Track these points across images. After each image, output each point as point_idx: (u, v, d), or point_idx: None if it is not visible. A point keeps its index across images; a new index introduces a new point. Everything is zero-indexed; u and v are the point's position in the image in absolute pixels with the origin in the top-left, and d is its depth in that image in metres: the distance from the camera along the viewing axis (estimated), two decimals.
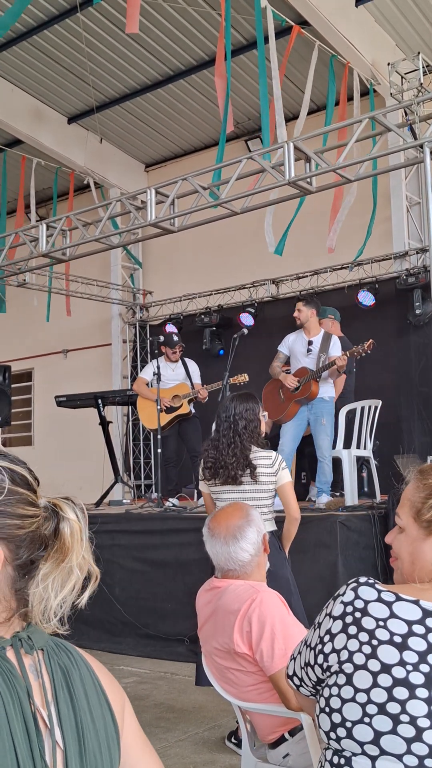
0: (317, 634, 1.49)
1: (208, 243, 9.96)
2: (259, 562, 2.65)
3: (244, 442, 3.91)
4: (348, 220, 8.01)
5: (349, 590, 1.46)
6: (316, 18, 7.35)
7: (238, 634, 2.46)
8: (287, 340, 6.42)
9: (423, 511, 1.52)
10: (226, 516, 2.66)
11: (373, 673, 1.37)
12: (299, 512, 4.05)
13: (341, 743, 1.39)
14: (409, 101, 5.88)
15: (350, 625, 1.42)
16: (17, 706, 1.00)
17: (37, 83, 9.59)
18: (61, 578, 1.11)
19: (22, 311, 11.99)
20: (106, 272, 11.19)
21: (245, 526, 2.59)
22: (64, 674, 1.08)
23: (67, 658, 1.11)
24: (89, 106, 9.79)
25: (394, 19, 7.97)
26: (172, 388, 7.27)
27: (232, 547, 2.57)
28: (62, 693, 1.06)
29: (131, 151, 11.09)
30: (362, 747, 1.36)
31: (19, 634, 1.07)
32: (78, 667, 1.11)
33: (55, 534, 1.11)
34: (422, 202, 8.43)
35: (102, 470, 8.63)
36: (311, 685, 1.52)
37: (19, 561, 1.07)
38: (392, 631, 1.38)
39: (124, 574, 6.09)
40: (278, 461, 3.96)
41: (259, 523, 2.65)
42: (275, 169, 6.08)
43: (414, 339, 8.19)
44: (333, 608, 1.47)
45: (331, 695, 1.41)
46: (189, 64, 9.13)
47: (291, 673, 1.60)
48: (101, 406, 8.20)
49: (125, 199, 7.16)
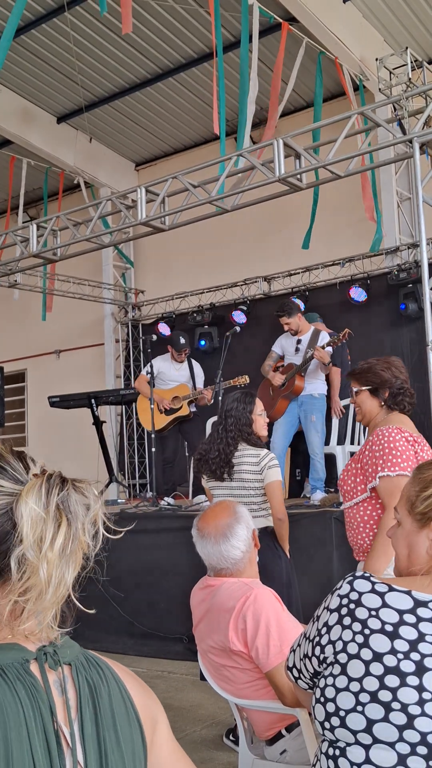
0: (315, 627, 1.52)
1: (200, 241, 9.95)
2: (250, 558, 2.65)
3: (229, 439, 3.90)
4: (336, 217, 8.03)
5: (346, 584, 1.49)
6: (303, 14, 7.35)
7: (233, 632, 2.46)
8: (280, 340, 6.53)
9: (416, 504, 1.55)
10: (213, 515, 2.65)
11: (366, 662, 1.39)
12: (284, 512, 3.94)
13: (335, 733, 1.41)
14: (398, 96, 5.89)
15: (345, 617, 1.45)
16: (39, 722, 0.96)
17: (25, 83, 9.56)
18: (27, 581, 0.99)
19: (13, 312, 11.98)
20: (98, 272, 11.17)
21: (234, 524, 2.59)
22: (91, 691, 1.04)
23: (97, 674, 1.07)
24: (78, 105, 9.76)
25: (381, 15, 7.97)
26: (171, 389, 7.19)
27: (223, 546, 2.57)
28: (87, 710, 1.02)
29: (121, 150, 11.07)
30: (355, 736, 1.38)
31: (45, 648, 1.03)
32: (107, 683, 1.07)
33: (12, 522, 1.00)
34: (412, 198, 8.44)
35: (96, 470, 8.62)
36: (309, 677, 1.55)
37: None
38: (384, 620, 1.41)
39: (119, 573, 6.08)
40: (266, 459, 3.91)
41: (248, 519, 2.65)
42: (265, 166, 6.08)
43: (407, 334, 8.20)
44: (330, 601, 1.50)
45: (326, 685, 1.44)
46: (178, 62, 9.12)
47: (290, 665, 1.62)
48: (95, 406, 8.19)
49: (115, 198, 7.15)
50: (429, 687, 1.34)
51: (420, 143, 5.54)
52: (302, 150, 5.98)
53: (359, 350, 7.82)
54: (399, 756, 1.34)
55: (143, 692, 1.13)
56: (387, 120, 6.06)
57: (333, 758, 1.42)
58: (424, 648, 1.37)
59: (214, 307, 9.91)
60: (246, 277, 9.79)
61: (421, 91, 5.86)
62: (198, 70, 9.17)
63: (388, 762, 1.34)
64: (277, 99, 7.46)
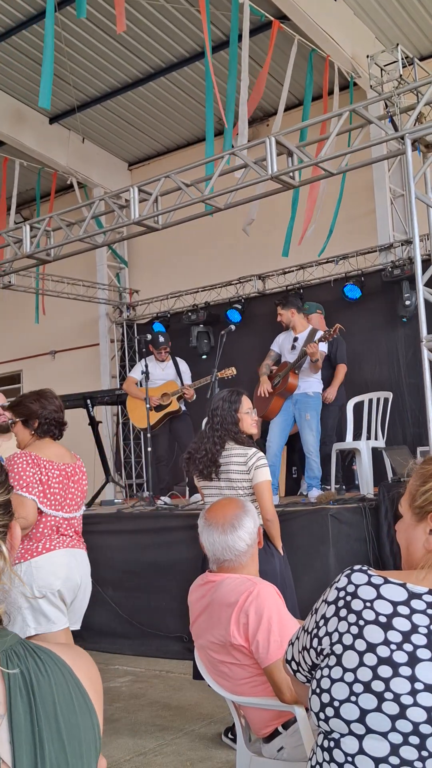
0: (314, 620, 1.54)
1: (194, 240, 9.95)
2: (253, 554, 2.66)
3: (216, 438, 3.89)
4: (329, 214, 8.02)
5: (343, 577, 1.52)
6: (295, 12, 7.35)
7: (234, 626, 2.47)
8: (278, 339, 6.60)
9: (416, 498, 1.57)
10: (222, 507, 2.68)
11: (360, 653, 1.41)
12: (273, 513, 3.91)
13: (329, 723, 1.42)
14: (389, 93, 5.89)
15: (341, 609, 1.47)
16: None
17: (17, 84, 9.54)
18: None
19: (8, 314, 11.96)
20: (92, 272, 11.16)
21: (242, 516, 2.61)
22: (25, 681, 0.97)
23: (35, 663, 1.00)
24: (70, 105, 9.74)
25: (372, 12, 7.97)
26: (160, 387, 7.28)
27: (229, 536, 2.58)
28: (19, 702, 0.95)
29: (114, 149, 11.05)
30: (349, 726, 1.39)
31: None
32: (47, 672, 1.00)
33: None
34: (405, 194, 8.45)
35: (93, 470, 8.60)
36: (307, 669, 1.57)
37: None
38: (378, 611, 1.43)
39: (117, 573, 6.08)
40: (253, 459, 3.84)
41: (254, 515, 2.68)
42: (257, 164, 6.08)
43: (402, 331, 8.21)
44: (328, 594, 1.52)
45: (322, 676, 1.46)
46: (170, 61, 9.11)
47: (289, 658, 1.64)
48: (90, 407, 8.18)
49: (108, 198, 7.14)
50: (421, 677, 1.36)
51: (412, 140, 5.53)
52: (294, 147, 5.97)
53: (354, 347, 7.86)
54: (392, 746, 1.35)
55: (91, 678, 1.08)
56: (379, 117, 6.06)
57: (328, 750, 1.43)
58: (417, 639, 1.39)
59: (209, 306, 9.91)
60: (240, 276, 9.79)
61: (413, 87, 5.86)
62: (190, 69, 9.16)
63: (381, 752, 1.36)
64: (259, 95, 7.46)
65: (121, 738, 3.99)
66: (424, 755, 1.33)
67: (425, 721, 1.34)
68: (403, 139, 5.57)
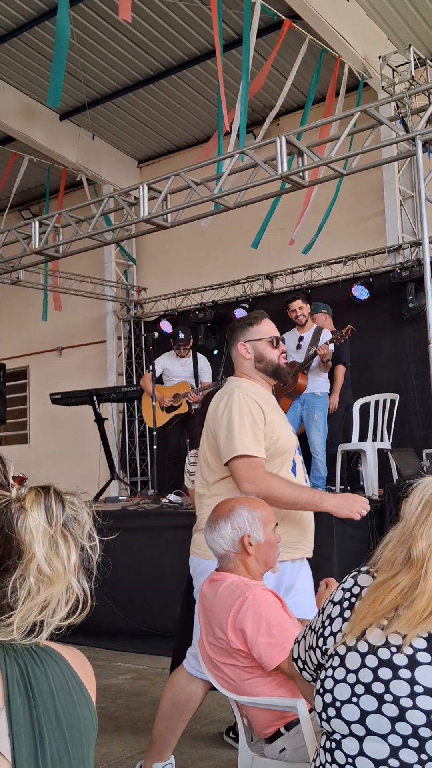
0: (320, 619, 1.56)
1: (202, 238, 9.94)
2: (245, 563, 2.61)
3: None
4: (338, 215, 8.01)
5: (350, 578, 1.55)
6: (307, 11, 7.34)
7: (232, 632, 2.47)
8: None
9: None
10: (218, 506, 2.69)
11: (362, 654, 1.42)
12: None
13: (331, 724, 1.44)
14: (401, 94, 5.88)
15: (346, 609, 1.50)
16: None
17: (28, 80, 9.55)
18: (21, 585, 0.98)
19: (16, 309, 11.98)
20: (100, 269, 11.17)
21: (222, 522, 2.61)
22: (23, 673, 0.97)
23: (30, 657, 1.00)
24: (81, 102, 9.74)
25: (385, 12, 7.95)
26: (174, 386, 7.26)
27: (208, 534, 2.64)
28: (17, 694, 0.95)
29: (124, 147, 11.06)
30: (349, 727, 1.40)
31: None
32: (44, 664, 1.01)
33: (10, 528, 0.99)
34: (415, 195, 8.43)
35: (98, 467, 8.62)
36: (313, 668, 1.58)
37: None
38: None
39: (121, 570, 6.07)
40: None
41: (242, 523, 2.60)
42: (268, 163, 6.07)
43: (409, 332, 8.19)
44: (335, 595, 1.55)
45: (326, 677, 1.47)
46: (180, 59, 9.10)
47: (295, 656, 1.66)
48: (96, 403, 8.19)
49: (118, 196, 7.15)
50: (421, 680, 1.36)
51: (423, 141, 5.53)
52: (305, 147, 5.97)
53: (362, 348, 7.84)
54: (391, 748, 1.36)
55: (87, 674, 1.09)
56: (390, 118, 6.05)
57: (330, 751, 1.45)
58: (417, 642, 1.39)
59: (217, 305, 9.91)
60: (248, 275, 9.78)
61: (424, 89, 5.85)
62: (201, 68, 9.16)
63: (381, 754, 1.37)
64: (258, 86, 7.46)
65: (123, 735, 4.00)
66: (423, 758, 1.34)
67: (425, 724, 1.34)
68: (414, 141, 5.56)
